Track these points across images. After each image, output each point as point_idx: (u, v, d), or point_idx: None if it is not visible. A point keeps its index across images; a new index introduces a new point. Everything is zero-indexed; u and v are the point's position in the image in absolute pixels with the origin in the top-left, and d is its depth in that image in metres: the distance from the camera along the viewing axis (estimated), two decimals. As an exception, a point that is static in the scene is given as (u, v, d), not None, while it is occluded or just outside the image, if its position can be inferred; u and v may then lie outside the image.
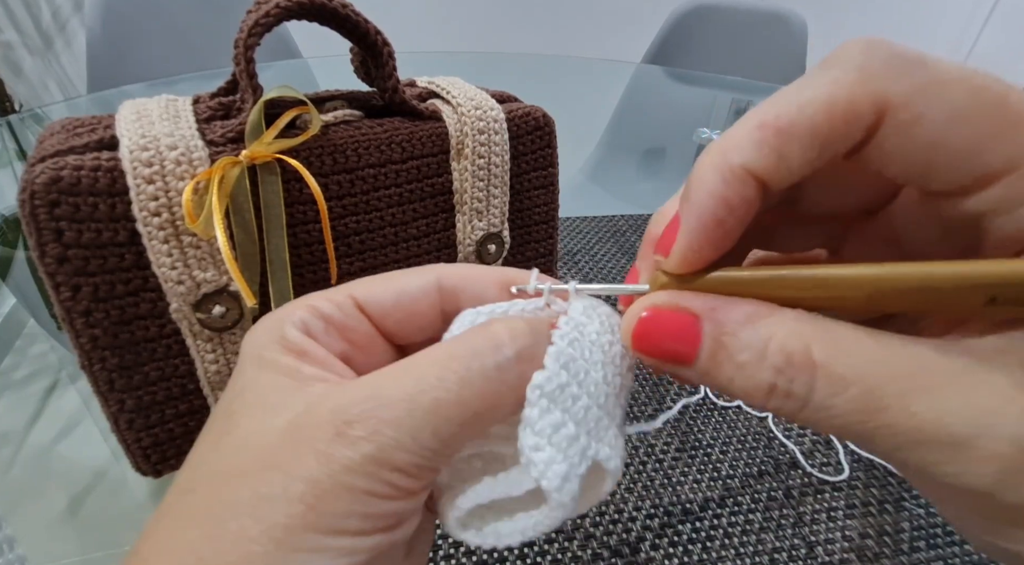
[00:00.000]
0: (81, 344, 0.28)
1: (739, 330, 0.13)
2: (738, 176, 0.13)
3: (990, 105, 0.12)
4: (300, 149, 0.29)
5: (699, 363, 0.14)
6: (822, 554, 0.34)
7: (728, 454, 0.40)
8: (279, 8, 0.28)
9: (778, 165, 0.13)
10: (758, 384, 0.13)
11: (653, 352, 0.14)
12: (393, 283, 0.17)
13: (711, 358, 0.13)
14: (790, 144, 0.12)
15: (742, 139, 0.13)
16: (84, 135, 0.27)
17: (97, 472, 0.38)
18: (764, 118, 0.13)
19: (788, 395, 0.12)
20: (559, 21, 1.96)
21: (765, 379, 0.13)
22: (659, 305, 0.14)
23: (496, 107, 0.35)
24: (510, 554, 0.33)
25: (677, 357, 0.14)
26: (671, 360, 0.14)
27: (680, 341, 0.14)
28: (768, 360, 0.13)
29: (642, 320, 0.14)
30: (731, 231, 0.14)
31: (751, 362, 0.13)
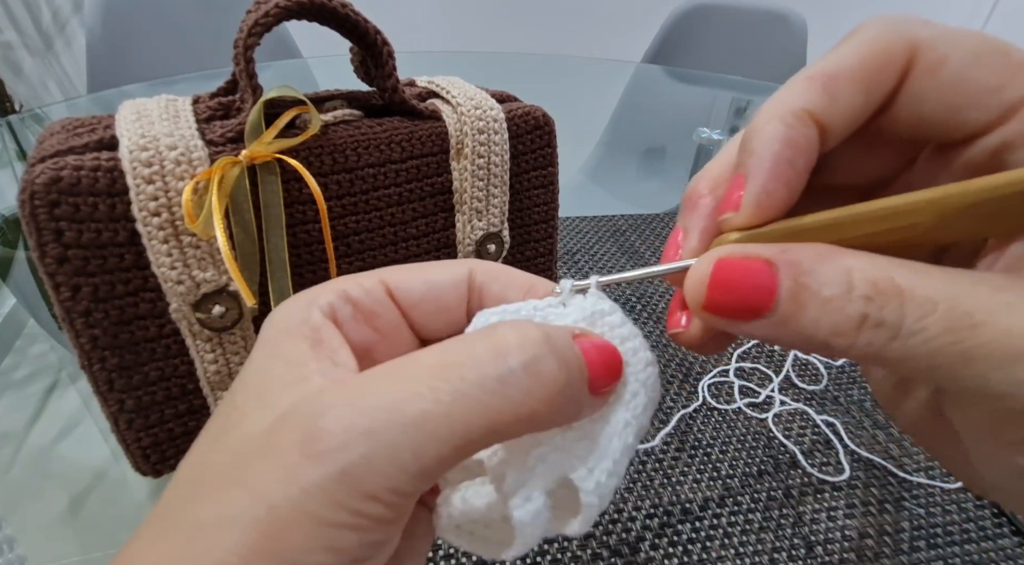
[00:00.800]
0: (81, 344, 0.28)
1: (818, 268, 0.12)
2: (800, 118, 0.14)
3: (999, 52, 0.13)
4: (300, 149, 0.29)
5: (778, 309, 0.13)
6: (822, 554, 0.34)
7: (728, 454, 0.40)
8: (279, 8, 0.28)
9: (832, 107, 0.14)
10: (848, 317, 0.12)
11: (728, 306, 0.13)
12: (425, 273, 0.16)
13: (792, 300, 0.13)
14: (839, 87, 0.14)
15: (794, 90, 0.14)
16: (84, 135, 0.27)
17: (97, 472, 0.38)
18: (811, 71, 0.14)
19: (880, 324, 0.12)
20: (559, 21, 1.96)
21: (855, 310, 0.12)
22: (727, 256, 0.13)
23: (496, 107, 0.35)
24: (510, 554, 0.33)
25: (754, 306, 0.13)
26: (747, 311, 0.13)
27: (756, 289, 0.13)
28: (856, 290, 0.12)
29: (714, 273, 0.13)
30: (800, 174, 0.14)
31: (838, 296, 0.12)
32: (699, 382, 0.46)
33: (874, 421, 0.43)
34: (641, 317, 0.53)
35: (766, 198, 0.14)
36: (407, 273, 0.16)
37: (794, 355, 0.49)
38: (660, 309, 0.54)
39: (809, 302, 0.12)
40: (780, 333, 0.13)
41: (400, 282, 0.16)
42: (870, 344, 0.12)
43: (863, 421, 0.43)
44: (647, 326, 0.52)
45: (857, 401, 0.45)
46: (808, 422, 0.43)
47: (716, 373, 0.47)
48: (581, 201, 0.78)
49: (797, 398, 0.45)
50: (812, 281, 0.12)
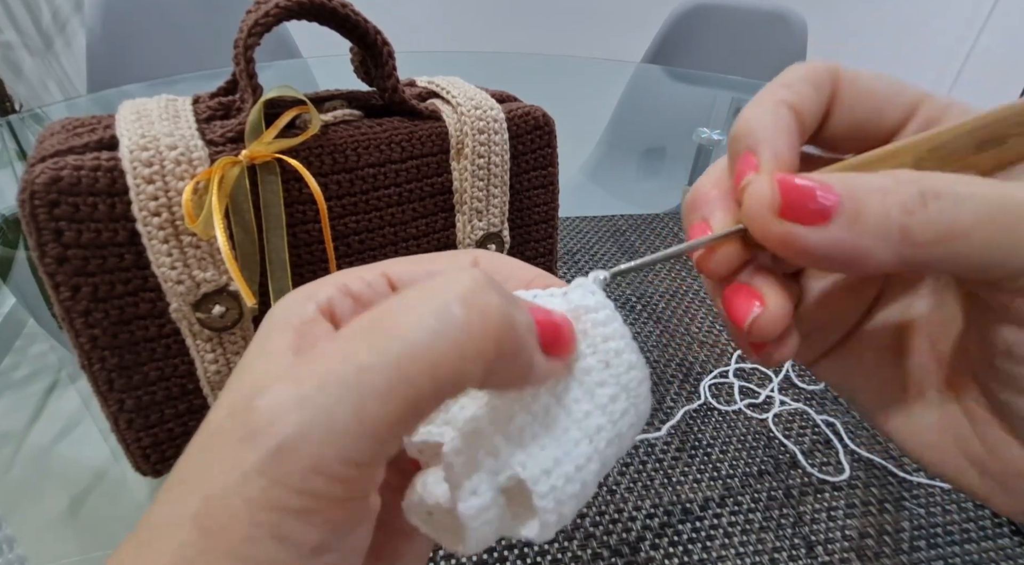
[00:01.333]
0: (81, 344, 0.28)
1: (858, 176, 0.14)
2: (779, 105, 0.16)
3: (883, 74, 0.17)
4: (300, 149, 0.29)
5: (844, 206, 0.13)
6: (822, 554, 0.34)
7: (728, 454, 0.40)
8: (279, 8, 0.28)
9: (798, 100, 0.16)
10: (910, 194, 0.13)
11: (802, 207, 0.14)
12: (428, 265, 0.16)
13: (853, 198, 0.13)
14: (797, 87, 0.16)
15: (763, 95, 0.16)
16: (84, 135, 0.27)
17: (97, 472, 0.38)
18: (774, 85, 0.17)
19: (938, 195, 0.13)
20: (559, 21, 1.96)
21: (913, 189, 0.13)
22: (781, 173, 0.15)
23: (496, 107, 0.35)
24: (510, 554, 0.33)
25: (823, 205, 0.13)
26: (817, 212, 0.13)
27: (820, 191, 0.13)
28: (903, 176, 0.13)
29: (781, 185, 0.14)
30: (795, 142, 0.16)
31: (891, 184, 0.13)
32: (699, 382, 0.46)
33: (874, 421, 0.44)
34: (641, 317, 0.53)
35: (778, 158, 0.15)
36: (410, 266, 0.16)
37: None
38: (660, 308, 0.54)
39: (868, 196, 0.13)
40: (858, 229, 0.13)
41: (403, 275, 0.16)
42: (942, 211, 0.13)
43: (863, 421, 0.43)
44: (647, 326, 0.52)
45: (857, 401, 0.45)
46: (808, 422, 0.43)
47: (716, 374, 0.47)
48: (581, 201, 0.78)
49: (797, 398, 0.45)
50: (860, 182, 0.13)
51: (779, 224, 0.14)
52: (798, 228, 0.13)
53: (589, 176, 0.93)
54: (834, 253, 0.13)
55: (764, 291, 0.16)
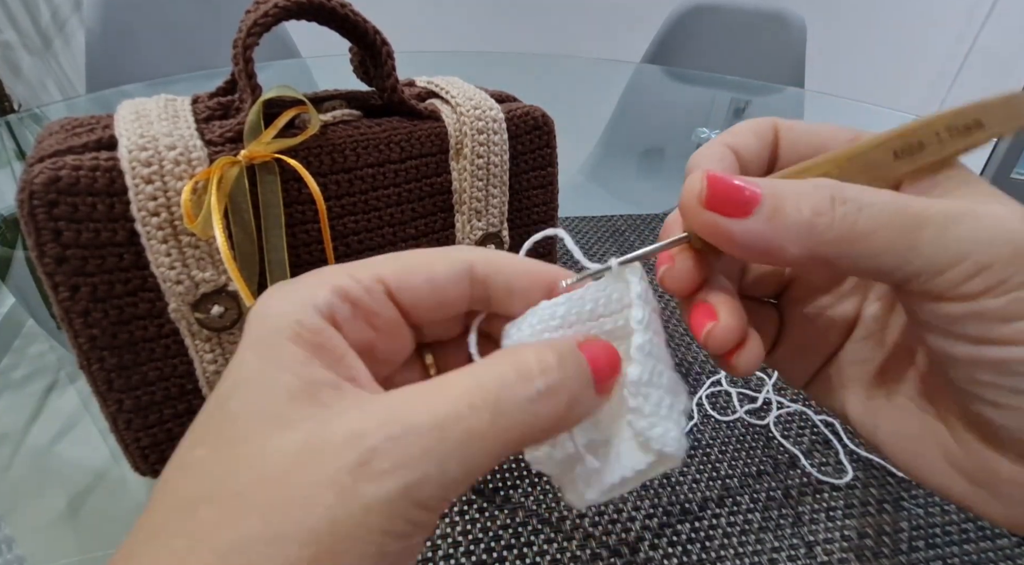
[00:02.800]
0: (80, 344, 0.28)
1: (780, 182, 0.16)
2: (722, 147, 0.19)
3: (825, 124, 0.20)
4: (299, 149, 0.29)
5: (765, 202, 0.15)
6: (821, 554, 0.34)
7: (727, 454, 0.40)
8: (278, 8, 0.28)
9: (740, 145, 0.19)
10: (822, 197, 0.15)
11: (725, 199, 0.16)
12: (425, 269, 0.16)
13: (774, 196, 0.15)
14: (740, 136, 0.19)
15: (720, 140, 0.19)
16: (83, 135, 0.27)
17: (96, 472, 0.38)
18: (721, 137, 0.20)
19: (845, 201, 0.15)
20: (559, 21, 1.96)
21: (825, 194, 0.15)
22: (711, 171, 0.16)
23: (495, 107, 0.35)
24: (509, 554, 0.33)
25: (746, 198, 0.15)
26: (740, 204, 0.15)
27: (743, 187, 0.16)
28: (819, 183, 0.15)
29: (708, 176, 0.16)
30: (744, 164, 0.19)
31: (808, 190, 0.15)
32: (695, 395, 0.46)
33: (873, 421, 0.43)
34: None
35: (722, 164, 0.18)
36: (407, 271, 0.16)
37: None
38: (659, 309, 0.54)
39: (787, 197, 0.15)
40: (774, 224, 0.15)
41: (401, 282, 0.16)
42: (846, 215, 0.15)
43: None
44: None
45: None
46: (807, 422, 0.43)
47: (710, 384, 0.46)
48: (581, 201, 0.78)
49: (796, 399, 0.45)
50: (782, 185, 0.16)
51: (706, 213, 0.16)
52: (722, 219, 0.16)
53: (589, 176, 0.93)
54: (753, 243, 0.15)
55: (718, 308, 0.18)
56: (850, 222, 0.15)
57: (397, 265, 0.16)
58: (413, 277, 0.16)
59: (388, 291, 0.16)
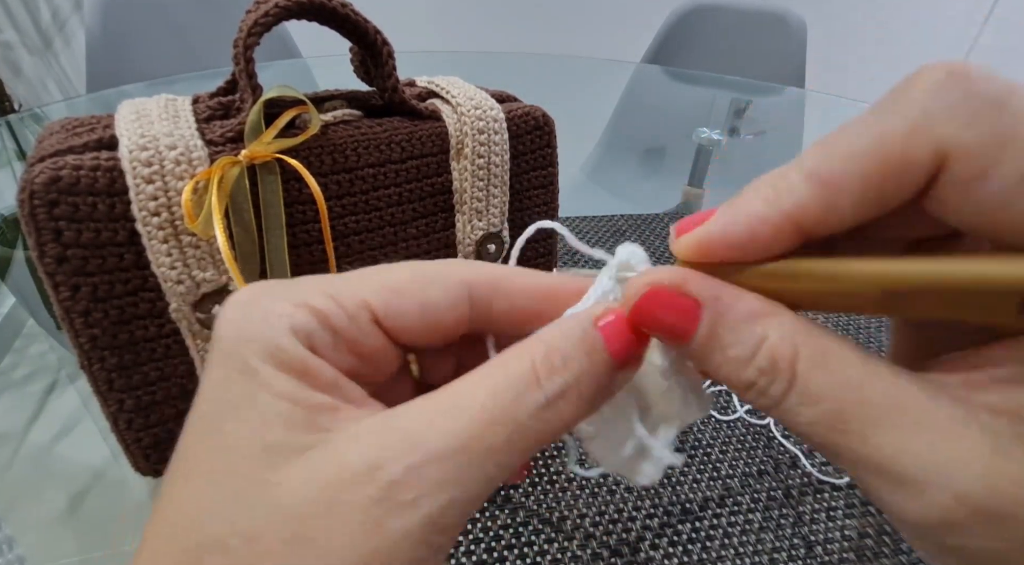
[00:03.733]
0: (80, 344, 0.28)
1: (737, 325, 0.13)
2: (778, 223, 0.13)
3: None
4: (299, 149, 0.29)
5: (692, 345, 0.14)
6: (821, 554, 0.34)
7: (728, 454, 0.40)
8: (278, 8, 0.28)
9: (826, 218, 0.12)
10: (740, 378, 0.13)
11: (650, 327, 0.14)
12: (416, 293, 0.15)
13: (704, 345, 0.14)
14: (839, 198, 0.12)
15: (794, 185, 0.13)
16: (83, 135, 0.27)
17: (97, 472, 0.38)
18: (813, 166, 0.12)
19: (763, 394, 0.13)
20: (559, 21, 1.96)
21: (748, 376, 0.13)
22: (664, 283, 0.14)
23: (496, 107, 0.35)
24: (509, 554, 0.33)
25: (673, 334, 0.14)
26: (667, 336, 0.14)
27: (678, 322, 0.14)
28: (756, 361, 0.13)
29: (644, 297, 0.14)
30: (745, 255, 0.14)
31: (740, 358, 0.13)
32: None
33: (874, 421, 0.44)
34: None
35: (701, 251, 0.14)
36: (397, 296, 0.15)
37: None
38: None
39: (716, 352, 0.14)
40: (694, 361, 0.15)
41: (389, 308, 0.15)
42: (753, 402, 0.13)
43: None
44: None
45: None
46: (808, 422, 0.43)
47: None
48: (581, 201, 0.78)
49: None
50: (726, 335, 0.13)
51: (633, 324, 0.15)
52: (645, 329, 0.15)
53: (589, 176, 0.93)
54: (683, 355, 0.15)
55: None
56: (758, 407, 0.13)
57: (386, 287, 0.15)
58: (404, 303, 0.15)
59: (375, 319, 0.14)
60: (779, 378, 0.13)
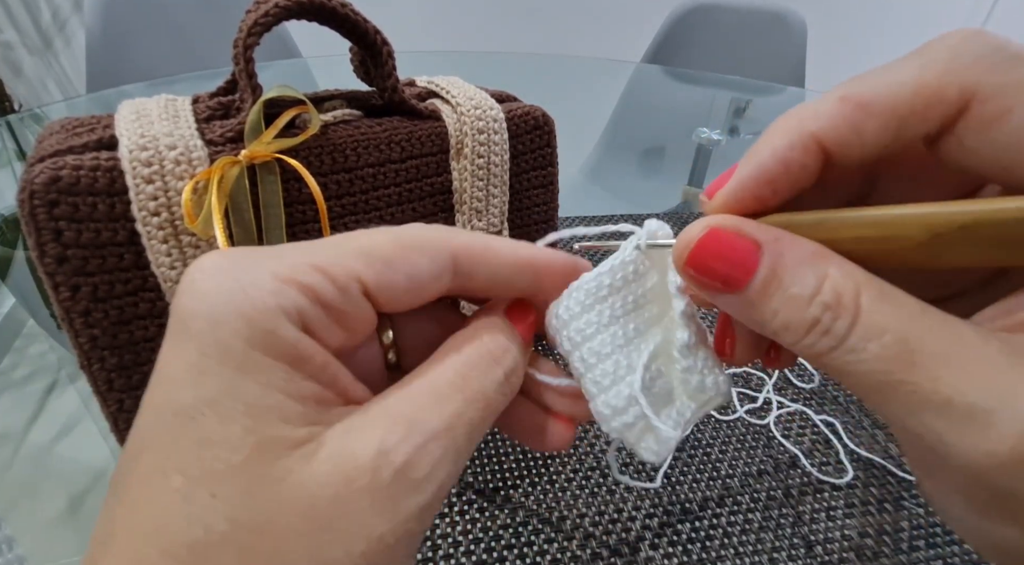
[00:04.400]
0: (80, 344, 0.28)
1: (797, 265, 0.13)
2: (805, 143, 0.13)
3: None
4: (299, 149, 0.29)
5: (748, 290, 0.13)
6: (821, 553, 0.34)
7: (727, 453, 0.40)
8: (278, 8, 0.28)
9: (851, 139, 0.13)
10: (803, 318, 0.13)
11: (705, 273, 0.14)
12: (404, 265, 0.15)
13: (763, 287, 0.13)
14: (868, 120, 0.13)
15: (822, 108, 0.13)
16: (83, 135, 0.27)
17: (97, 472, 0.38)
18: (848, 91, 0.13)
19: (826, 332, 0.12)
20: (559, 21, 1.96)
21: (811, 314, 0.13)
22: (722, 226, 0.14)
23: (495, 107, 0.35)
24: (509, 554, 0.33)
25: (728, 281, 0.14)
26: (721, 283, 0.14)
27: (736, 266, 0.13)
28: (819, 297, 0.13)
29: (702, 239, 0.14)
30: (779, 191, 0.14)
31: (802, 296, 0.13)
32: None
33: (873, 421, 0.43)
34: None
35: (734, 203, 0.14)
36: (388, 267, 0.14)
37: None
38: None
39: (775, 293, 0.13)
40: (744, 312, 0.14)
41: (381, 283, 0.14)
42: (812, 346, 0.13)
43: (862, 420, 0.43)
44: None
45: (856, 400, 0.45)
46: (807, 422, 0.43)
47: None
48: (581, 201, 0.78)
49: (796, 398, 0.45)
50: (787, 275, 0.13)
51: (688, 275, 0.15)
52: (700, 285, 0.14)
53: (589, 176, 0.93)
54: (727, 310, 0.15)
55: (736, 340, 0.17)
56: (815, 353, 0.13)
57: (374, 257, 0.14)
58: (393, 274, 0.14)
59: (365, 290, 0.14)
60: (844, 313, 0.12)
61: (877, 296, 0.12)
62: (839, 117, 0.13)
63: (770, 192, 0.14)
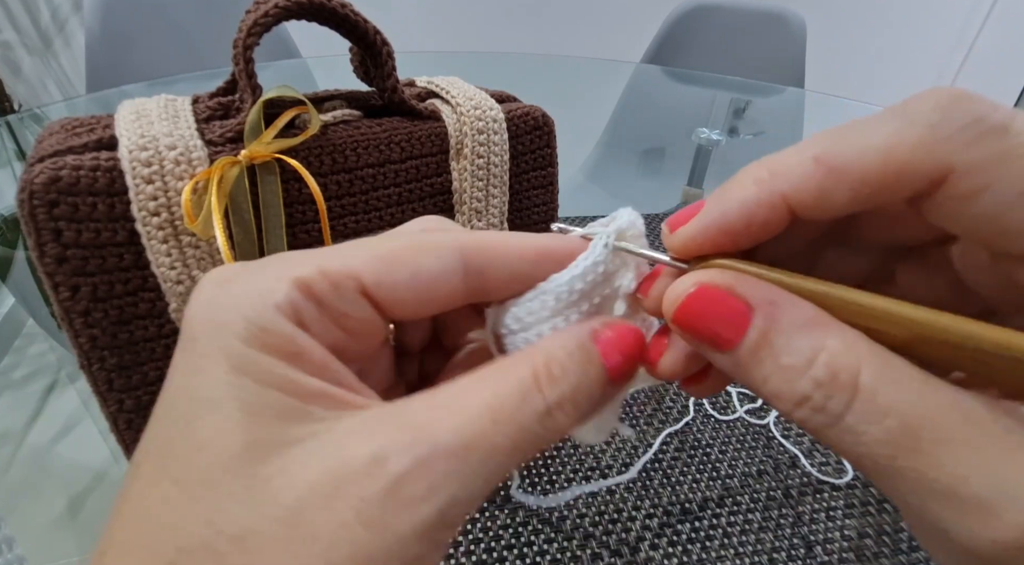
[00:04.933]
0: (80, 344, 0.28)
1: (792, 332, 0.12)
2: (773, 202, 0.13)
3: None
4: (299, 149, 0.29)
5: (737, 353, 0.13)
6: (821, 554, 0.34)
7: (727, 454, 0.40)
8: (278, 8, 0.28)
9: (819, 202, 0.13)
10: (793, 391, 0.12)
11: (693, 331, 0.14)
12: (408, 263, 0.14)
13: (752, 352, 0.13)
14: (838, 185, 0.13)
15: (795, 168, 0.13)
16: (83, 135, 0.27)
17: (97, 472, 0.38)
18: (822, 152, 0.13)
19: (820, 410, 0.12)
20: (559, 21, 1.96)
21: (802, 388, 0.12)
22: (714, 283, 0.13)
23: (495, 107, 0.35)
24: (509, 554, 0.33)
25: (717, 342, 0.13)
26: (709, 343, 0.13)
27: (725, 327, 0.13)
28: (812, 371, 0.12)
29: (691, 296, 0.13)
30: (739, 243, 0.14)
31: (794, 367, 0.12)
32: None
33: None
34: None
35: (692, 245, 0.14)
36: (387, 265, 0.14)
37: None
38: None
39: (766, 361, 0.12)
40: (735, 373, 0.13)
41: (380, 279, 0.14)
42: (805, 421, 0.12)
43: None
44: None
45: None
46: (807, 422, 0.43)
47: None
48: (581, 201, 0.78)
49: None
50: (779, 342, 0.12)
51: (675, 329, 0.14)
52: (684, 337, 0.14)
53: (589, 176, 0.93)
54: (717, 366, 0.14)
55: None
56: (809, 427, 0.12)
57: (375, 256, 0.14)
58: (394, 273, 0.14)
59: (363, 289, 0.13)
60: (839, 392, 0.12)
61: (879, 373, 0.12)
62: (811, 180, 0.13)
63: (729, 242, 0.14)
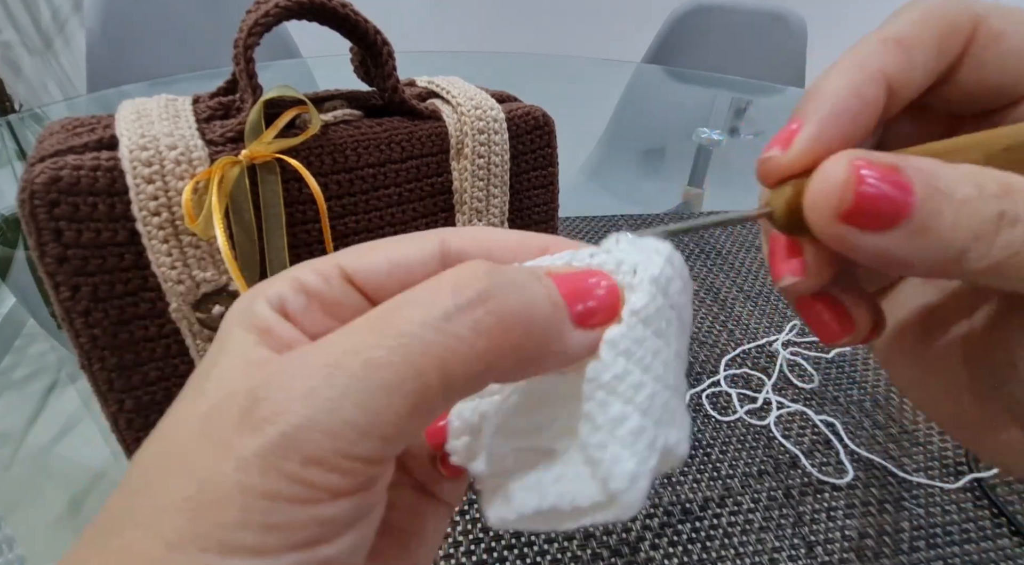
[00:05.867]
0: (81, 344, 0.28)
1: (944, 172, 0.12)
2: (877, 78, 0.14)
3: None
4: (300, 149, 0.29)
5: (916, 214, 0.12)
6: (822, 554, 0.34)
7: (728, 454, 0.40)
8: (279, 8, 0.28)
9: (907, 69, 0.14)
10: (986, 216, 0.11)
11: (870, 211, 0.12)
12: (388, 251, 0.14)
13: (928, 204, 0.12)
14: (915, 50, 0.14)
15: (868, 51, 0.14)
16: (83, 135, 0.27)
17: (97, 472, 0.38)
18: (884, 34, 0.14)
19: (1017, 220, 0.11)
20: (559, 21, 1.96)
21: (992, 208, 0.11)
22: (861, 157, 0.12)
23: (496, 107, 0.35)
24: (509, 554, 0.33)
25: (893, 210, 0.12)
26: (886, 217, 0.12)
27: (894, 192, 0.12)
28: (987, 189, 0.12)
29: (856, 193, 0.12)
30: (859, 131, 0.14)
31: (972, 196, 0.12)
32: (699, 383, 0.46)
33: (873, 421, 0.43)
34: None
35: (817, 144, 0.13)
36: (367, 254, 0.14)
37: (785, 357, 0.49)
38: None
39: (944, 205, 0.12)
40: (917, 243, 0.12)
41: (359, 266, 0.14)
42: (1009, 245, 0.11)
43: (863, 421, 0.43)
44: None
45: (857, 401, 0.45)
46: (808, 423, 0.43)
47: (709, 384, 0.46)
48: (581, 201, 0.78)
49: (796, 398, 0.45)
50: (944, 184, 0.12)
51: (838, 227, 0.12)
52: (855, 233, 0.12)
53: (589, 176, 0.93)
54: (882, 259, 0.12)
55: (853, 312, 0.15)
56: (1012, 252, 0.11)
57: (358, 251, 0.14)
58: (374, 261, 0.14)
59: (346, 276, 0.14)
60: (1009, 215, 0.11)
61: None
62: (888, 53, 0.14)
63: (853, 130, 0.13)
